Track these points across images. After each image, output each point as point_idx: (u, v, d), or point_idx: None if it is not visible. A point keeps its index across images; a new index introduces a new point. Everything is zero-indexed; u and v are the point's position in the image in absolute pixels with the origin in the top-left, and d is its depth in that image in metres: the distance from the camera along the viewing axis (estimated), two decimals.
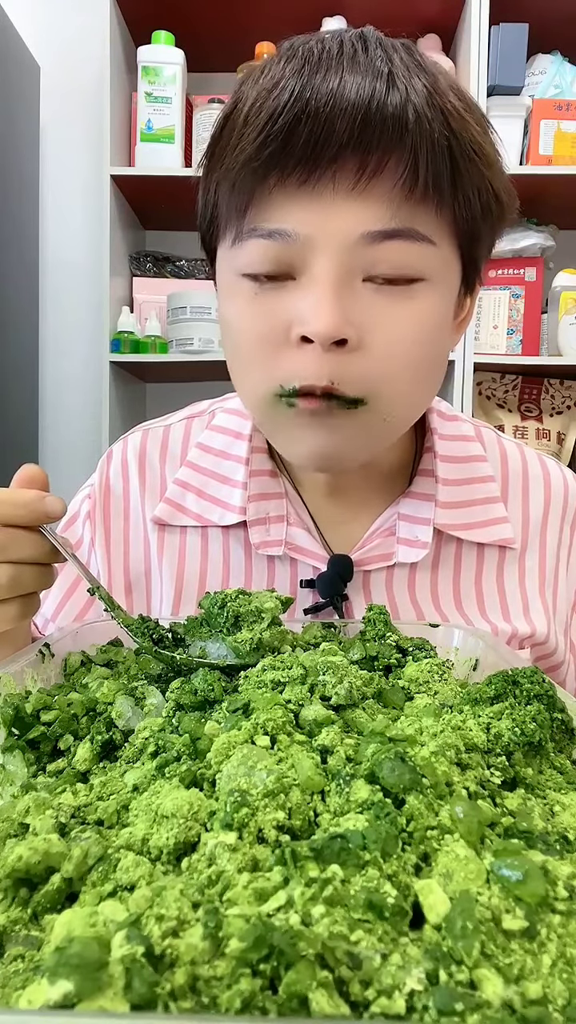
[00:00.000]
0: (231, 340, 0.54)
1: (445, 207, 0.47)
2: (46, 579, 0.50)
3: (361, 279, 0.48)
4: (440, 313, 0.51)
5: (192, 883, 0.23)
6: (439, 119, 0.45)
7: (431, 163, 0.45)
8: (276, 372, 0.50)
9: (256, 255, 0.49)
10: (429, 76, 0.47)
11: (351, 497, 0.65)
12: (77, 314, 2.08)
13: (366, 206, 0.46)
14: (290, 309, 0.48)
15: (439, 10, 1.74)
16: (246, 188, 0.47)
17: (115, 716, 0.40)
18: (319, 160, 0.45)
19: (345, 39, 0.47)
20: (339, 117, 0.44)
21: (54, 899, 0.26)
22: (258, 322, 0.50)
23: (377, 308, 0.48)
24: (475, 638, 0.51)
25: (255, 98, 0.46)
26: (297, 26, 0.61)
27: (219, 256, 0.54)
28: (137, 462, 0.69)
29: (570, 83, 1.74)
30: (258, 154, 0.45)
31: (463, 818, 0.26)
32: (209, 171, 0.52)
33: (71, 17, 2.01)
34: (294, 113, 0.44)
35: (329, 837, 0.24)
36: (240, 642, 0.46)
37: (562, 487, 0.69)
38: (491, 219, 0.51)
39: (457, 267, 0.52)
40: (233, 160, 0.47)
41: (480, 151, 0.48)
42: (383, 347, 0.48)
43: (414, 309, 0.49)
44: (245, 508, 0.63)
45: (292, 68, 0.46)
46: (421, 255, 0.48)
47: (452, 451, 0.65)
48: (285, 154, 0.45)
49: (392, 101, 0.44)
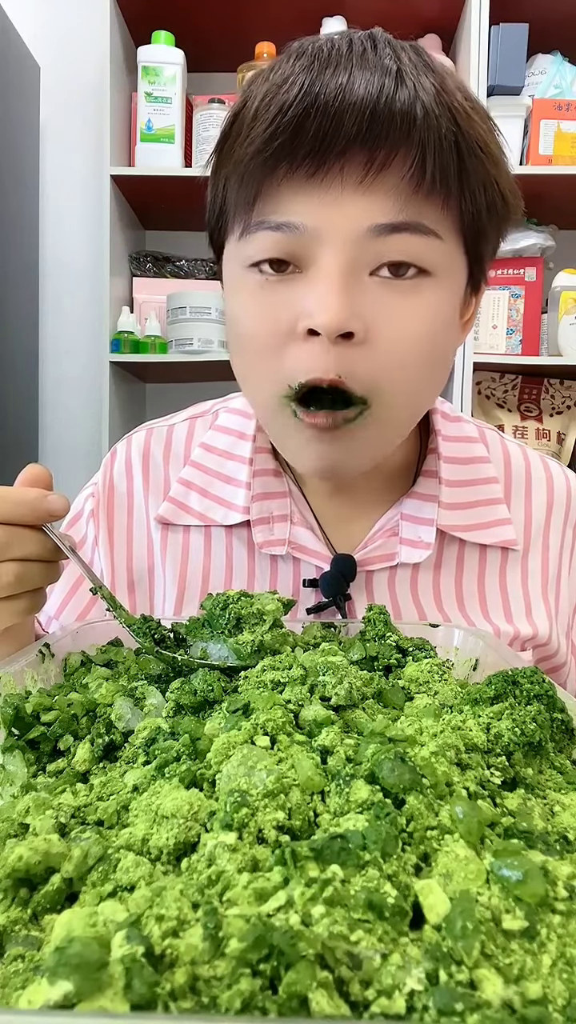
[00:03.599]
0: (237, 335, 0.53)
1: (451, 202, 0.48)
2: (52, 575, 0.50)
3: (368, 273, 0.48)
4: (446, 309, 0.51)
5: (192, 883, 0.23)
6: (447, 116, 0.46)
7: (438, 158, 0.46)
8: (283, 367, 0.50)
9: (264, 247, 0.49)
10: (437, 76, 0.47)
11: (354, 497, 0.65)
12: (77, 314, 2.07)
13: (373, 199, 0.46)
14: (297, 302, 0.48)
15: (439, 10, 1.73)
16: (255, 180, 0.48)
17: (114, 718, 0.40)
18: (328, 153, 0.45)
19: (354, 38, 0.48)
20: (348, 112, 0.44)
21: (54, 899, 0.26)
22: (265, 315, 0.50)
23: (384, 302, 0.48)
24: (475, 638, 0.51)
25: (264, 94, 0.47)
26: (297, 26, 0.61)
27: (226, 251, 0.54)
28: (141, 461, 0.69)
29: (570, 83, 1.74)
30: (267, 146, 0.46)
31: (463, 818, 0.26)
32: (218, 167, 0.52)
33: (71, 17, 2.01)
34: (303, 107, 0.44)
35: (329, 837, 0.24)
36: (242, 644, 0.46)
37: (565, 489, 0.69)
38: (496, 217, 0.52)
39: (463, 263, 0.52)
40: (243, 153, 0.47)
41: (486, 149, 0.48)
42: (389, 341, 0.49)
43: (420, 304, 0.49)
44: (249, 507, 0.63)
45: (301, 65, 0.46)
46: (428, 249, 0.48)
47: (455, 452, 0.65)
48: (294, 146, 0.45)
49: (401, 97, 0.45)
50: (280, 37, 0.51)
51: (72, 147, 2.05)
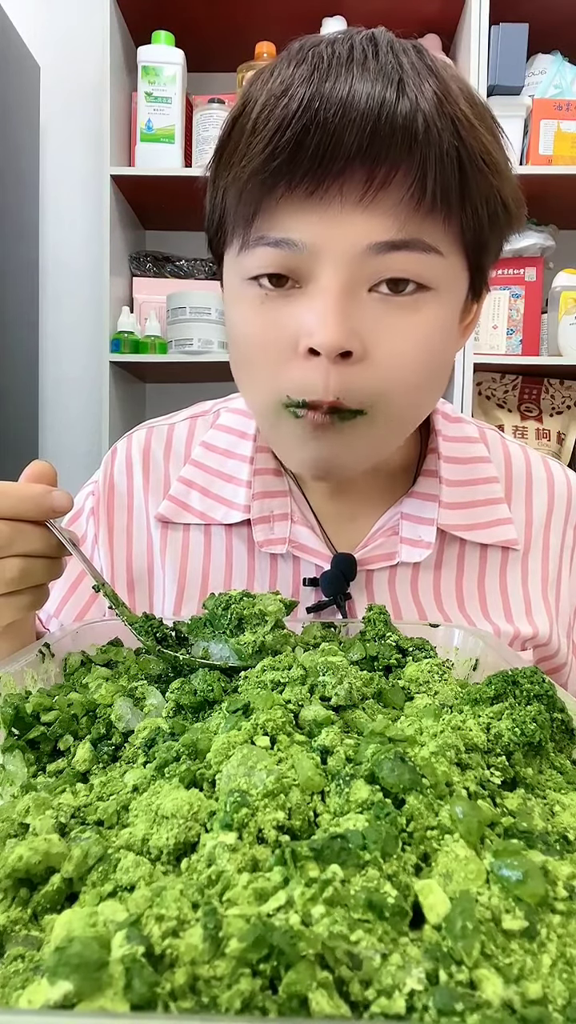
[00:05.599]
0: (237, 346, 0.54)
1: (453, 218, 0.47)
2: (55, 571, 0.50)
3: (367, 289, 0.48)
4: (445, 323, 0.51)
5: (192, 883, 0.23)
6: (449, 128, 0.45)
7: (440, 175, 0.45)
8: (282, 382, 0.50)
9: (263, 262, 0.48)
10: (440, 80, 0.46)
11: (355, 496, 0.65)
12: (77, 314, 2.08)
13: (373, 217, 0.46)
14: (296, 319, 0.48)
15: (439, 10, 1.73)
16: (253, 198, 0.47)
17: (114, 719, 0.40)
18: (327, 172, 0.45)
19: (356, 43, 0.47)
20: (348, 128, 0.43)
21: (54, 899, 0.26)
22: (265, 331, 0.50)
23: (382, 319, 0.48)
24: (475, 638, 0.51)
25: (263, 104, 0.46)
26: (297, 26, 0.61)
27: (226, 261, 0.54)
28: (141, 459, 0.69)
29: (570, 83, 1.74)
30: (265, 166, 0.45)
31: (463, 818, 0.26)
32: (217, 176, 0.52)
33: (71, 17, 2.01)
34: (302, 124, 0.44)
35: (329, 837, 0.24)
36: (243, 644, 0.46)
37: (565, 489, 0.69)
38: (499, 228, 0.51)
39: (464, 276, 0.51)
40: (240, 170, 0.47)
41: (489, 160, 0.47)
42: (387, 359, 0.48)
43: (419, 321, 0.49)
44: (249, 506, 0.63)
45: (301, 74, 0.45)
46: (428, 265, 0.47)
47: (456, 452, 0.65)
48: (293, 166, 0.45)
49: (402, 110, 0.44)
50: (280, 37, 0.51)
51: (72, 147, 2.05)
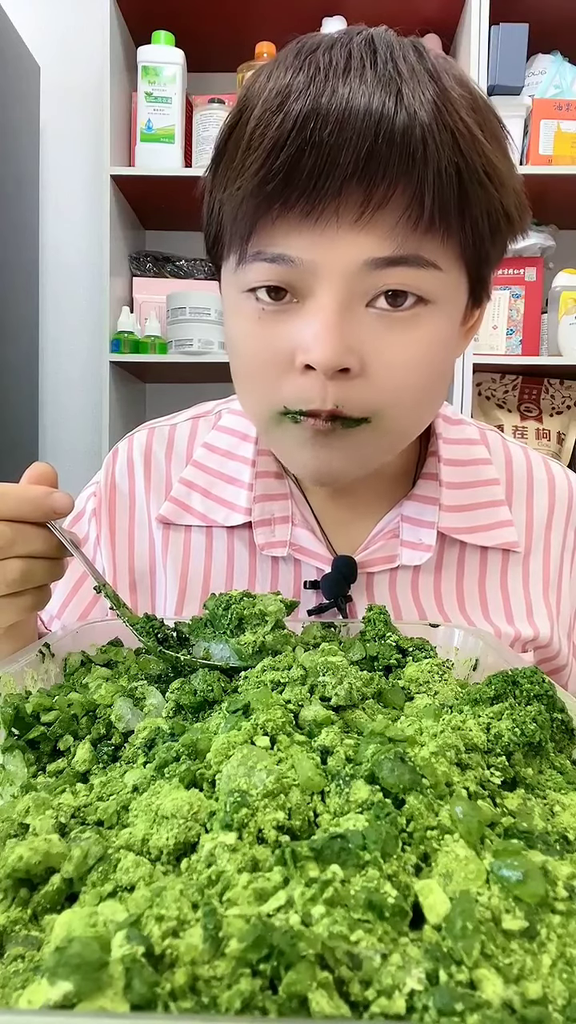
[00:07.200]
0: (236, 357, 0.54)
1: (452, 234, 0.47)
2: (56, 572, 0.50)
3: (364, 304, 0.47)
4: (445, 334, 0.50)
5: (192, 883, 0.23)
6: (448, 142, 0.44)
7: (438, 192, 0.44)
8: (281, 394, 0.50)
9: (260, 277, 0.48)
10: (440, 87, 0.45)
11: (355, 499, 0.65)
12: (77, 314, 2.08)
13: (370, 236, 0.45)
14: (294, 334, 0.48)
15: (439, 10, 1.74)
16: (248, 217, 0.47)
17: (114, 719, 0.40)
18: (323, 193, 0.44)
19: (354, 49, 0.45)
20: (343, 148, 0.42)
21: (54, 899, 0.26)
22: (263, 346, 0.50)
23: (379, 335, 0.48)
24: (475, 638, 0.51)
25: (259, 117, 0.45)
26: (297, 26, 0.61)
27: (224, 273, 0.54)
28: (143, 460, 0.69)
29: (570, 83, 1.74)
30: (260, 189, 0.45)
31: (463, 818, 0.26)
32: (213, 187, 0.51)
33: (71, 17, 2.01)
34: (297, 145, 0.43)
35: (329, 837, 0.24)
36: (243, 644, 0.46)
37: (566, 491, 0.69)
38: (501, 237, 0.51)
39: (464, 286, 0.51)
40: (235, 190, 0.46)
41: (491, 171, 0.46)
42: (385, 373, 0.48)
43: (417, 335, 0.48)
44: (250, 509, 0.63)
45: (297, 85, 0.44)
46: (426, 279, 0.47)
47: (456, 455, 0.65)
48: (288, 188, 0.44)
49: (399, 124, 0.42)
50: (280, 37, 0.50)
51: (72, 147, 2.05)
